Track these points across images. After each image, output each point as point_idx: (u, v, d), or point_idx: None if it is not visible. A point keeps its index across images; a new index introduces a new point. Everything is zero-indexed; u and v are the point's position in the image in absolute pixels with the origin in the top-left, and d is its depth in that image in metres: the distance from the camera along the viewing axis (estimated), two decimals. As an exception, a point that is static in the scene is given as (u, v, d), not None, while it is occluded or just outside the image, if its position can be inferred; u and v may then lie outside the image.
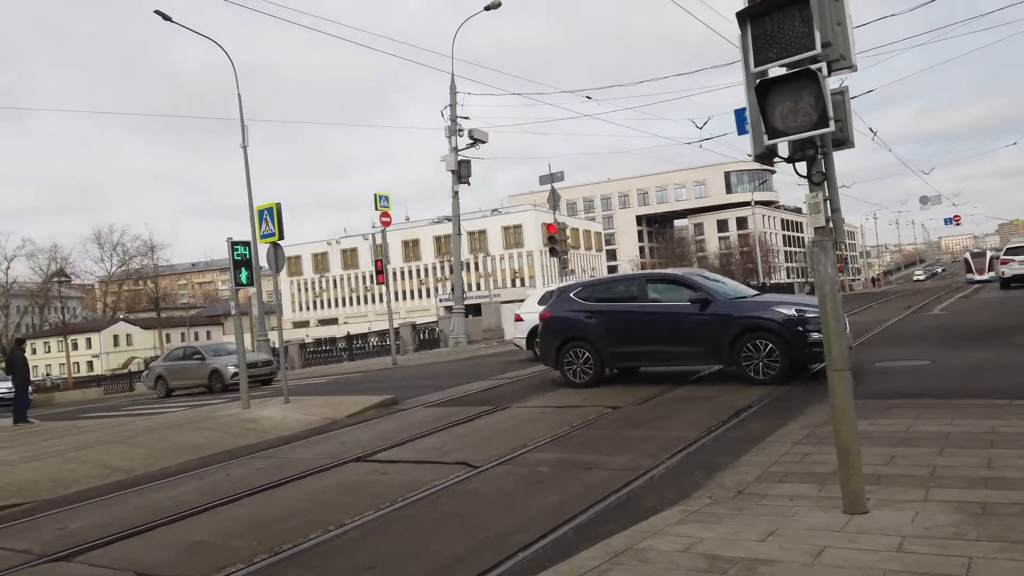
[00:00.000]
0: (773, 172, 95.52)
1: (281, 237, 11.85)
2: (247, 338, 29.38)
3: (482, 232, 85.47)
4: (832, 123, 4.24)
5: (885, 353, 11.14)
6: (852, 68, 4.59)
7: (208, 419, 10.60)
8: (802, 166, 4.62)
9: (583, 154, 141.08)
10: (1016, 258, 29.59)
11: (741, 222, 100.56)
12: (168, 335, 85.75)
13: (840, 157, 4.65)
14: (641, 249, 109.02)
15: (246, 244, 11.94)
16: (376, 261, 21.44)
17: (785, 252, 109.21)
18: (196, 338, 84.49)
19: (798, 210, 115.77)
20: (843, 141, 4.70)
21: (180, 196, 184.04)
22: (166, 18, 22.65)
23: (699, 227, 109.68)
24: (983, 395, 7.09)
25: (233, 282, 11.79)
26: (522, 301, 32.26)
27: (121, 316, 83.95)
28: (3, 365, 32.82)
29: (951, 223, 60.04)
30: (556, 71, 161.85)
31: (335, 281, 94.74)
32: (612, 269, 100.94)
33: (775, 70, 4.55)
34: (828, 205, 4.48)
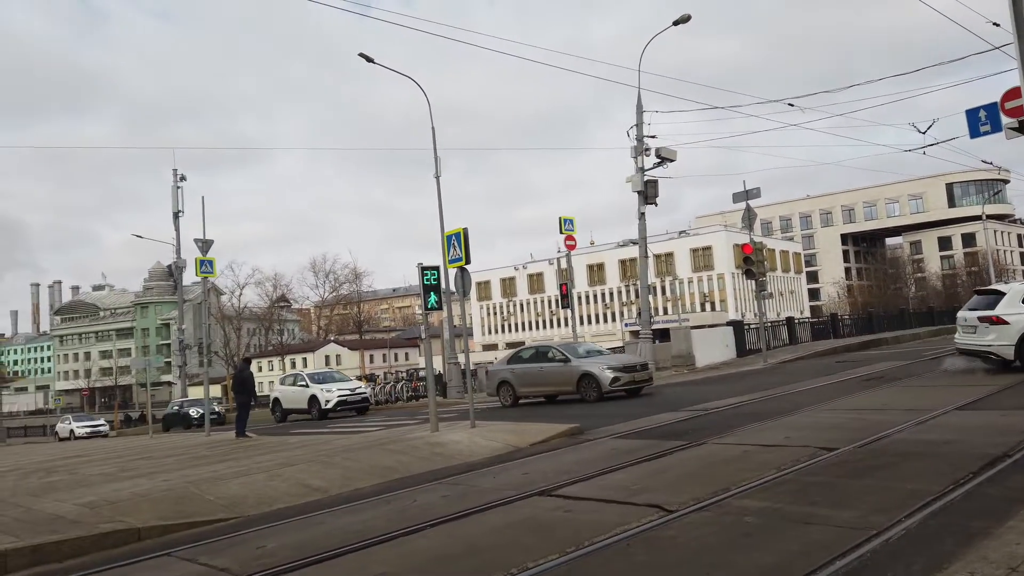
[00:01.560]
0: (1007, 181, 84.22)
1: (468, 261, 11.94)
2: (438, 361, 30.56)
3: (669, 255, 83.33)
4: None
5: None
6: None
7: (399, 441, 10.81)
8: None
9: (778, 169, 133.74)
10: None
11: (967, 239, 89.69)
12: (371, 356, 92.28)
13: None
14: (847, 270, 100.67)
15: (435, 269, 12.15)
16: (561, 285, 21.29)
17: (1023, 272, 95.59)
18: (396, 359, 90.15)
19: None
20: None
21: (386, 226, 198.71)
22: (369, 60, 24.40)
23: (915, 245, 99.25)
24: None
25: (424, 306, 12.03)
26: (713, 326, 30.67)
27: (332, 338, 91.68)
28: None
29: None
30: (755, 84, 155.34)
31: (522, 305, 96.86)
32: (813, 292, 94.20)
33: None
34: None
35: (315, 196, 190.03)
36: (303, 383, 23.04)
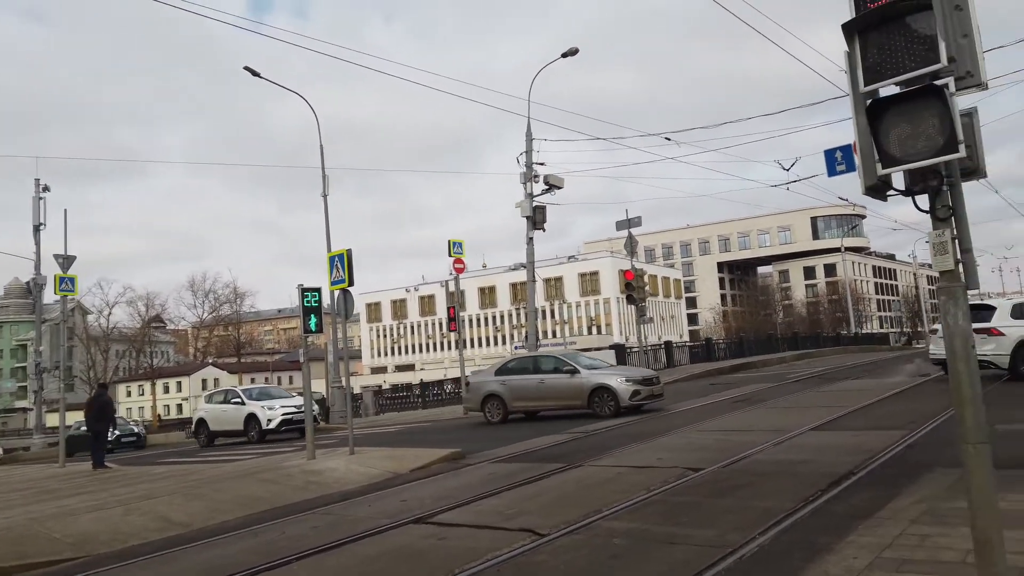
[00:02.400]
0: (863, 217, 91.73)
1: (351, 283, 11.71)
2: (321, 384, 29.69)
3: (558, 279, 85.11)
4: (962, 148, 3.61)
5: (1003, 414, 9.92)
6: (982, 86, 3.94)
7: (272, 470, 10.38)
8: (923, 200, 3.97)
9: (664, 199, 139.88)
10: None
11: (829, 269, 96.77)
12: (252, 379, 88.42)
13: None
14: (723, 297, 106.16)
15: (316, 290, 11.84)
16: (449, 308, 21.24)
17: (877, 301, 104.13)
18: (279, 383, 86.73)
19: (891, 256, 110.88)
20: (974, 170, 4.03)
21: (276, 245, 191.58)
22: (255, 74, 23.71)
23: (784, 274, 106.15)
24: None
25: (303, 328, 11.67)
26: (599, 349, 31.49)
27: (210, 361, 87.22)
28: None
29: (1063, 269, 55.72)
30: (641, 117, 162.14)
31: (412, 328, 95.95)
32: (692, 317, 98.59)
33: (887, 92, 3.98)
34: (957, 245, 3.80)
35: (200, 212, 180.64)
36: (237, 400, 20.65)
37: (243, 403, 20.13)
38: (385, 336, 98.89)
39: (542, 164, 24.83)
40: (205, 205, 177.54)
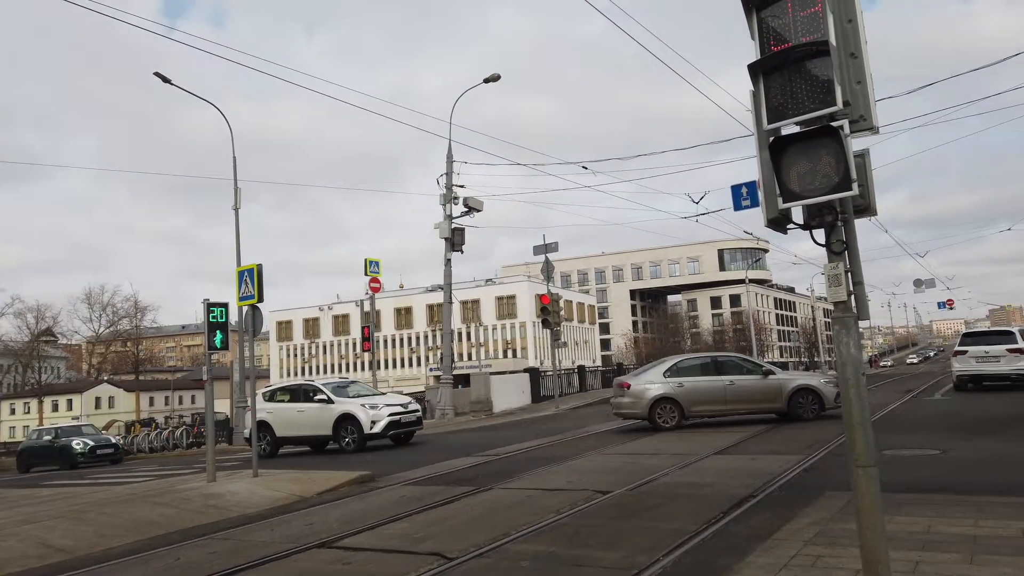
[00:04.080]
0: (766, 251, 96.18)
1: (260, 300, 11.35)
2: (226, 404, 28.54)
3: (475, 302, 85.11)
4: (855, 186, 3.84)
5: (891, 440, 10.54)
6: (873, 130, 4.22)
7: (167, 492, 9.84)
8: (820, 234, 4.20)
9: (582, 226, 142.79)
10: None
11: (734, 300, 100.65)
12: (151, 398, 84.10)
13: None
14: (634, 323, 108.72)
15: (223, 306, 11.41)
16: (364, 327, 20.89)
17: (778, 331, 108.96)
18: (180, 402, 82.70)
19: (791, 289, 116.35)
20: (865, 207, 4.30)
21: (184, 258, 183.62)
22: (165, 80, 22.84)
23: (692, 303, 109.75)
24: (1003, 491, 6.54)
25: (207, 345, 11.21)
26: (513, 372, 31.59)
27: (105, 378, 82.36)
28: None
29: (944, 307, 60.04)
30: (563, 145, 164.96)
31: (325, 347, 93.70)
32: (604, 343, 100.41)
33: (788, 130, 4.21)
34: (850, 277, 4.03)
35: (103, 220, 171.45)
36: (321, 398, 15.75)
37: (330, 401, 15.55)
38: (296, 355, 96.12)
39: (462, 187, 24.94)
40: (109, 214, 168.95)
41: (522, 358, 76.95)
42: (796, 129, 4.14)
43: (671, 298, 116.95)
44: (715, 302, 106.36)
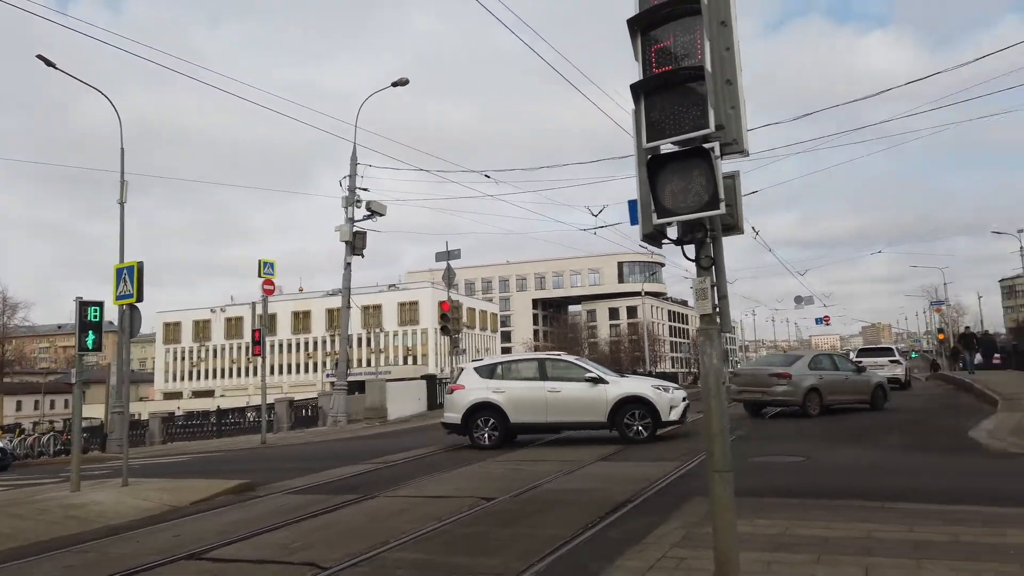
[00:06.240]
0: (662, 265, 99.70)
1: (139, 299, 10.75)
2: (101, 408, 26.86)
3: (377, 307, 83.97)
4: (723, 205, 4.05)
5: (760, 447, 11.13)
6: (744, 153, 4.46)
7: (24, 503, 9.15)
8: (691, 249, 4.39)
9: (490, 235, 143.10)
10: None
11: (631, 311, 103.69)
12: (19, 402, 78.17)
13: (727, 253, 4.46)
14: (535, 332, 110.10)
15: (99, 304, 10.76)
16: (254, 331, 20.16)
17: (671, 343, 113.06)
18: (52, 407, 77.13)
19: (684, 302, 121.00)
20: (733, 226, 4.53)
21: (65, 253, 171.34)
22: (49, 64, 21.39)
23: (592, 314, 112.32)
24: (858, 495, 7.01)
25: (78, 346, 10.53)
26: (412, 379, 31.29)
27: (-33, 379, 75.80)
28: None
29: (821, 323, 63.98)
30: (480, 154, 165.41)
31: (216, 351, 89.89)
32: (506, 350, 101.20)
33: (668, 149, 4.38)
34: (715, 291, 4.24)
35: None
36: (591, 377, 12.91)
37: (602, 381, 12.70)
38: (184, 359, 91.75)
39: (366, 190, 24.60)
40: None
41: (423, 365, 76.44)
42: (673, 148, 4.34)
43: (572, 308, 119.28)
44: (613, 313, 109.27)
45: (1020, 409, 14.38)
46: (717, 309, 4.22)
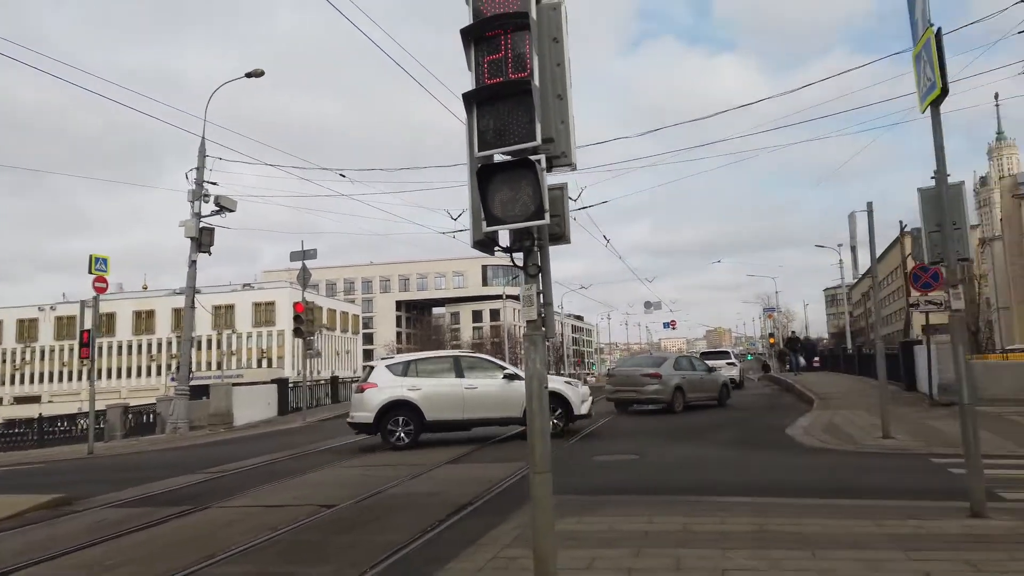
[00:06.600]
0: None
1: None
2: None
3: (230, 307, 79.88)
4: (548, 216, 4.19)
5: (606, 446, 11.62)
6: (572, 167, 4.64)
7: None
8: (519, 257, 4.52)
9: (356, 235, 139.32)
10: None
11: (494, 314, 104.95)
12: None
13: (585, 261, 4.66)
14: (399, 335, 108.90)
15: None
16: (83, 332, 18.58)
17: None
18: None
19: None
20: (560, 236, 4.70)
21: None
22: None
23: (456, 316, 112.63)
24: (681, 491, 7.48)
25: None
26: (263, 383, 30.00)
27: None
28: None
29: (669, 327, 67.79)
30: (347, 152, 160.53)
31: (44, 352, 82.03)
32: (367, 353, 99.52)
33: (502, 159, 4.48)
34: (541, 298, 4.38)
35: None
36: (509, 372, 13.35)
37: (517, 377, 12.86)
38: (5, 362, 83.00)
39: (215, 183, 23.31)
40: None
41: (279, 368, 73.48)
42: (504, 158, 4.45)
43: (436, 310, 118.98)
44: (477, 316, 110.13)
45: (831, 408, 15.93)
46: (543, 315, 4.36)
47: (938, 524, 5.59)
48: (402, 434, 12.75)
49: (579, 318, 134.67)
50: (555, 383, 13.28)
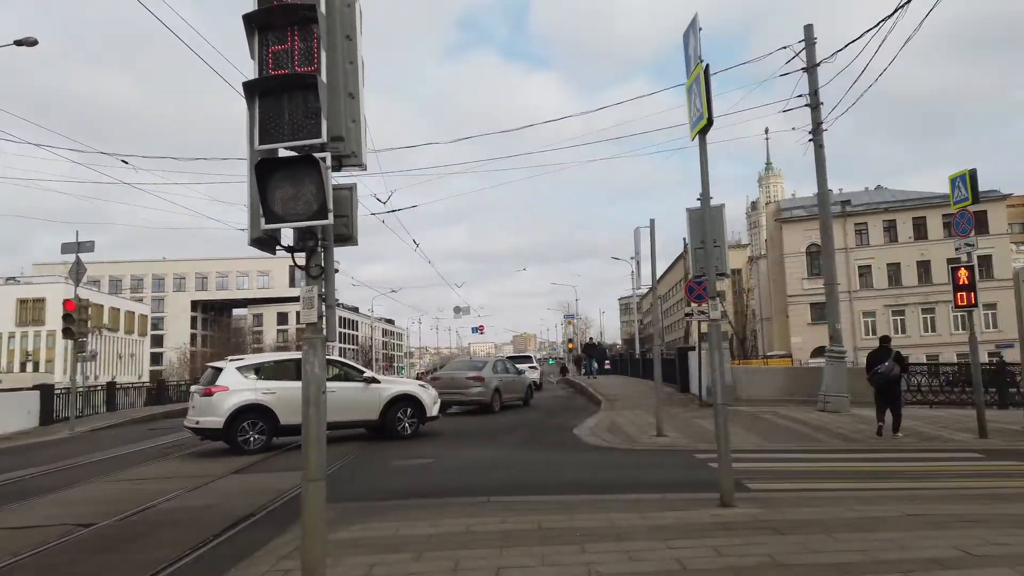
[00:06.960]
0: (336, 271, 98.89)
1: None
2: None
3: (-14, 303, 69.95)
4: (331, 216, 4.08)
5: (404, 450, 11.58)
6: (362, 167, 4.58)
7: None
8: (301, 258, 4.36)
9: (150, 229, 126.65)
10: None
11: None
12: None
13: (396, 264, 4.57)
14: (193, 336, 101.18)
15: None
16: None
17: (339, 349, 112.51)
18: None
19: (356, 309, 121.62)
20: (347, 237, 4.60)
21: None
22: None
23: (259, 317, 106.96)
24: (470, 492, 7.64)
25: None
26: (21, 389, 26.45)
27: None
28: None
29: (477, 332, 69.22)
30: (151, 139, 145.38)
31: None
32: (156, 356, 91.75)
33: (285, 153, 4.29)
34: (323, 301, 4.26)
35: None
36: (368, 376, 13.69)
37: (375, 381, 13.62)
38: None
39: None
40: None
41: (48, 372, 65.48)
42: (288, 153, 4.27)
43: (237, 311, 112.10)
44: (282, 317, 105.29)
45: (616, 409, 17.11)
46: (323, 319, 4.25)
47: (693, 514, 6.16)
48: (253, 439, 12.10)
49: (390, 321, 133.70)
50: (410, 386, 14.11)
